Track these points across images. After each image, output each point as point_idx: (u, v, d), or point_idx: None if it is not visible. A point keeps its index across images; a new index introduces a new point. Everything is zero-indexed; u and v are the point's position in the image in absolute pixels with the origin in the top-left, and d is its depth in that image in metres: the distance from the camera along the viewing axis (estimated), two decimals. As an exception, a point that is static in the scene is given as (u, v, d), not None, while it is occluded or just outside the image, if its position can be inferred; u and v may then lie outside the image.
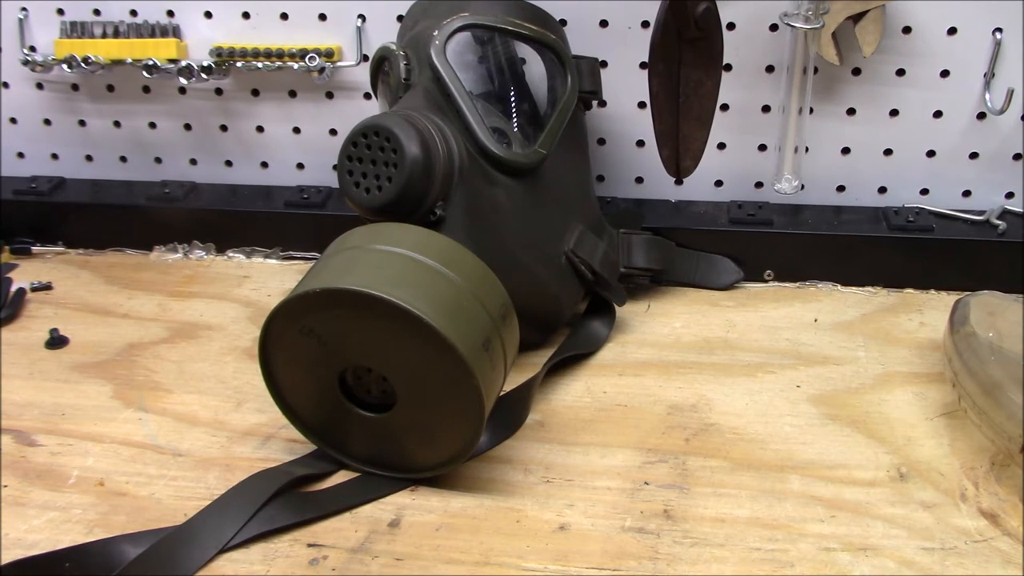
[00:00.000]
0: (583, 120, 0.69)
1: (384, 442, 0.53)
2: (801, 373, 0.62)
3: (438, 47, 0.59)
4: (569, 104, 0.64)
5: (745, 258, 0.72)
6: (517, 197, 0.60)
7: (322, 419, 0.54)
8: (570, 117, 0.64)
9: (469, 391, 0.49)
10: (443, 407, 0.50)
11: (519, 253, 0.60)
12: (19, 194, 0.80)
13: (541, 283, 0.61)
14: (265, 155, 0.82)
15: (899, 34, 0.68)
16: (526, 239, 0.61)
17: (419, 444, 0.52)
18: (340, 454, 0.54)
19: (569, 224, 0.64)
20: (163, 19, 0.77)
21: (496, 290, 0.52)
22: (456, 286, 0.50)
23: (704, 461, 0.55)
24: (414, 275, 0.50)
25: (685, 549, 0.49)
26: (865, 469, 0.54)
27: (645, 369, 0.63)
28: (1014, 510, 0.50)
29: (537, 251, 0.61)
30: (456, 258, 0.51)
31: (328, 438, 0.54)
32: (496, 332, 0.51)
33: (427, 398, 0.51)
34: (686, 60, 0.64)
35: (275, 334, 0.52)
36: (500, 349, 0.52)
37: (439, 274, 0.50)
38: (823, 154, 0.74)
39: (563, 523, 0.51)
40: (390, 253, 0.51)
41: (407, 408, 0.51)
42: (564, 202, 0.64)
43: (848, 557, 0.48)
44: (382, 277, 0.49)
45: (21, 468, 0.55)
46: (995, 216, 0.71)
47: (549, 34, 0.65)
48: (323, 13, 0.75)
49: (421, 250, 0.51)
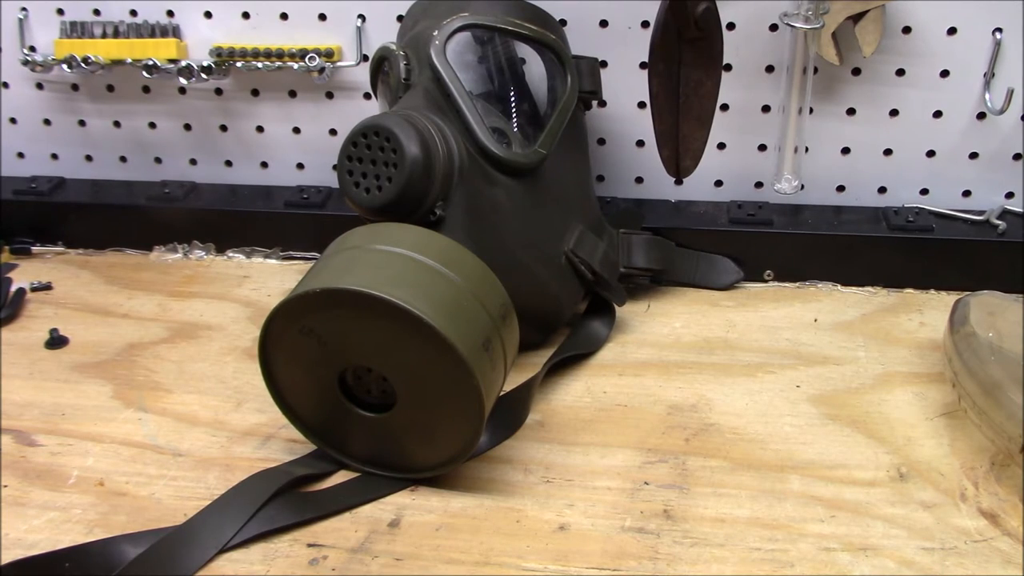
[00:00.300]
0: (583, 120, 0.69)
1: (384, 442, 0.53)
2: (801, 373, 0.62)
3: (438, 47, 0.60)
4: (569, 104, 0.64)
5: (745, 258, 0.72)
6: (517, 197, 0.60)
7: (322, 419, 0.54)
8: (570, 117, 0.65)
9: (469, 391, 0.49)
10: (443, 407, 0.50)
11: (519, 253, 0.60)
12: (19, 194, 0.80)
13: (541, 283, 0.61)
14: (265, 155, 0.82)
15: (899, 34, 0.68)
16: (526, 239, 0.61)
17: (419, 444, 0.52)
18: (340, 454, 0.54)
19: (569, 224, 0.64)
20: (163, 19, 0.77)
21: (496, 290, 0.52)
22: (456, 286, 0.50)
23: (704, 461, 0.55)
24: (414, 275, 0.50)
25: (685, 549, 0.49)
26: (865, 469, 0.54)
27: (645, 369, 0.63)
28: (1014, 510, 0.50)
29: (537, 251, 0.61)
30: (456, 258, 0.51)
31: (328, 438, 0.54)
32: (496, 332, 0.51)
33: (427, 398, 0.51)
34: (686, 60, 0.64)
35: (275, 334, 0.52)
36: (500, 349, 0.52)
37: (439, 274, 0.50)
38: (823, 154, 0.74)
39: (563, 523, 0.51)
40: (390, 253, 0.51)
41: (407, 408, 0.51)
42: (564, 202, 0.64)
43: (848, 557, 0.48)
44: (382, 277, 0.49)
45: (21, 468, 0.55)
46: (995, 216, 0.71)
47: (549, 34, 0.65)
48: (323, 13, 0.75)
49: (421, 250, 0.51)
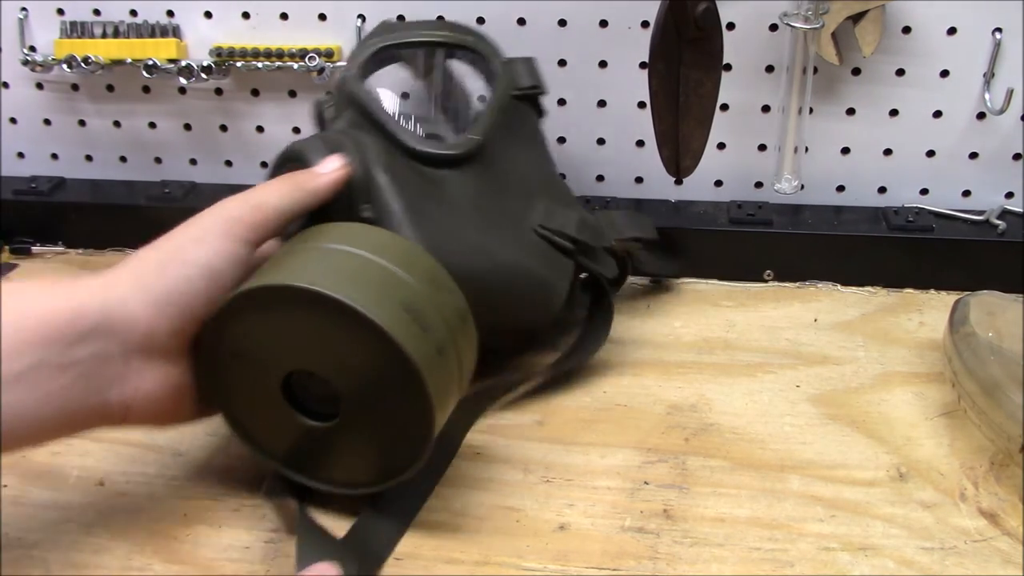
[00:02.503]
0: (533, 118, 0.68)
1: (329, 455, 0.50)
2: (801, 373, 0.62)
3: (354, 75, 0.63)
4: (501, 94, 0.65)
5: (745, 258, 0.72)
6: (465, 187, 0.60)
7: (287, 445, 0.51)
8: (516, 112, 0.65)
9: (418, 397, 0.46)
10: (391, 416, 0.47)
11: (480, 238, 0.59)
12: (19, 194, 0.80)
13: (514, 263, 0.60)
14: (265, 155, 0.81)
15: (899, 34, 0.68)
16: (485, 222, 0.60)
17: (365, 456, 0.50)
18: (309, 478, 0.51)
19: (533, 204, 0.63)
20: (163, 19, 0.77)
21: (450, 289, 0.49)
22: (405, 283, 0.47)
23: (704, 461, 0.55)
24: (339, 263, 0.46)
25: (685, 549, 0.49)
26: (865, 469, 0.54)
27: (645, 369, 0.63)
28: (1014, 510, 0.50)
29: (501, 232, 0.60)
30: (402, 253, 0.49)
31: (297, 463, 0.51)
32: (451, 337, 0.48)
33: (375, 406, 0.47)
34: (686, 60, 0.64)
35: (217, 373, 0.49)
36: (455, 356, 0.48)
37: (370, 261, 0.47)
38: (823, 154, 0.74)
39: (563, 523, 0.51)
40: (317, 248, 0.48)
41: (354, 417, 0.48)
42: (523, 185, 0.64)
43: (848, 557, 0.48)
44: (307, 269, 0.46)
45: (21, 468, 0.55)
46: (995, 216, 0.71)
47: (466, 37, 0.67)
48: (323, 13, 0.75)
49: (348, 241, 0.48)
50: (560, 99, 0.75)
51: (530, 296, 0.61)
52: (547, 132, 0.68)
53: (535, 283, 0.61)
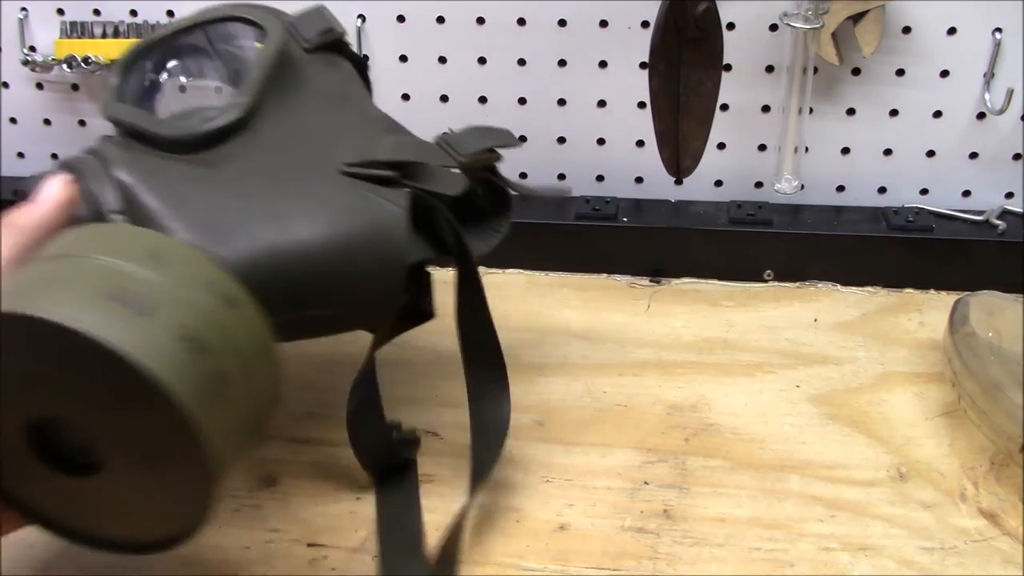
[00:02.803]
0: (344, 65, 0.61)
1: (100, 513, 0.41)
2: (801, 373, 0.62)
3: (105, 100, 0.56)
4: (271, 53, 0.57)
5: (745, 258, 0.72)
6: (247, 159, 0.53)
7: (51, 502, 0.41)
8: (309, 65, 0.58)
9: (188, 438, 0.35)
10: (161, 464, 0.38)
11: (270, 205, 0.51)
12: (19, 194, 0.80)
13: (321, 219, 0.51)
14: (265, 155, 0.81)
15: (899, 34, 0.68)
16: (277, 188, 0.52)
17: (143, 514, 0.41)
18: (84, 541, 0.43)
19: (336, 148, 0.55)
20: (163, 19, 0.77)
21: (215, 275, 0.38)
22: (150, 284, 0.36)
23: (704, 461, 0.55)
24: (60, 273, 0.36)
25: (685, 549, 0.49)
26: (865, 469, 0.54)
27: (645, 369, 0.63)
28: (1014, 510, 0.50)
29: (298, 188, 0.52)
30: (140, 244, 0.38)
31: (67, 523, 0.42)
32: (214, 325, 0.37)
33: (138, 453, 0.38)
34: (686, 60, 0.64)
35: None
36: (244, 381, 0.38)
37: (102, 267, 0.36)
38: (823, 154, 0.74)
39: (563, 523, 0.51)
40: (41, 259, 0.38)
41: (118, 466, 0.38)
42: (324, 136, 0.56)
43: (848, 557, 0.48)
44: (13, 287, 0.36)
45: (21, 468, 0.55)
46: (995, 216, 0.71)
47: (229, 11, 0.59)
48: (323, 13, 0.75)
49: (80, 246, 0.38)
50: (560, 99, 0.75)
51: (357, 248, 0.51)
52: (547, 132, 0.68)
53: (356, 232, 0.51)
